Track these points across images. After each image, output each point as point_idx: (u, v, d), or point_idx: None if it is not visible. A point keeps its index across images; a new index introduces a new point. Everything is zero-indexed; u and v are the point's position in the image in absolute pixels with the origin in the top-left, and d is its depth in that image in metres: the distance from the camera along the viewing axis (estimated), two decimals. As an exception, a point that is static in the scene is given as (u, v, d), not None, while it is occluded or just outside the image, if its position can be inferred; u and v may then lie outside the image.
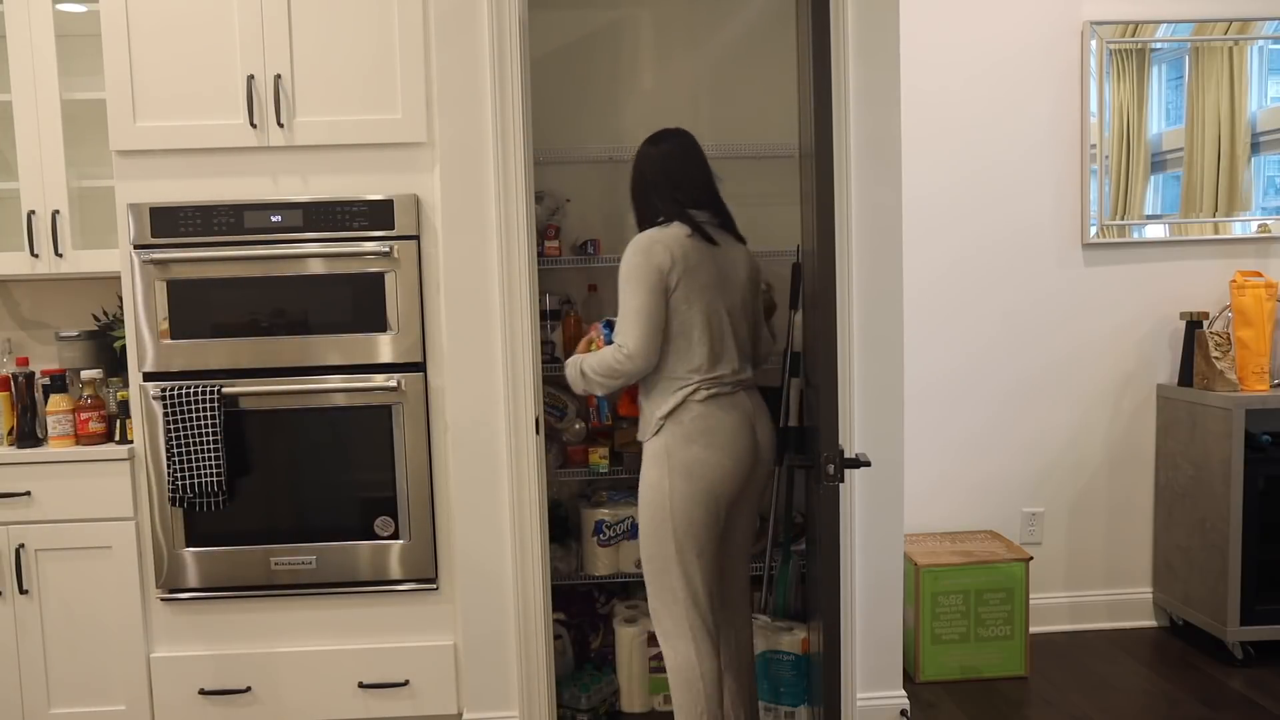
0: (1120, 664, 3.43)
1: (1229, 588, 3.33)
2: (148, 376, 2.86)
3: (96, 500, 2.87)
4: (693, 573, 2.47)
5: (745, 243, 2.68)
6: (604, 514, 3.21)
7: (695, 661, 2.48)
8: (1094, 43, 3.54)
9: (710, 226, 2.55)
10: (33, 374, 2.95)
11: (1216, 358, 3.43)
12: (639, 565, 3.23)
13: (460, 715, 2.95)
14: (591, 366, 2.53)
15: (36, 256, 2.99)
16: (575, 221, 3.40)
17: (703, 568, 2.48)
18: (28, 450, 2.87)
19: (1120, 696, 3.19)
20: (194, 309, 2.85)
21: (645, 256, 2.45)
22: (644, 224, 2.59)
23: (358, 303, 2.85)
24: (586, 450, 3.24)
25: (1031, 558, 3.39)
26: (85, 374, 2.93)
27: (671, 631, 2.50)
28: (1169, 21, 3.56)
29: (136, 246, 2.83)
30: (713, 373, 2.49)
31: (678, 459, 2.45)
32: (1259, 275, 3.50)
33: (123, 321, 3.00)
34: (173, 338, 2.85)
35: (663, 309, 2.45)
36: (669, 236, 2.48)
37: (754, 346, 2.67)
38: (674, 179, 2.58)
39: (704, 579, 2.48)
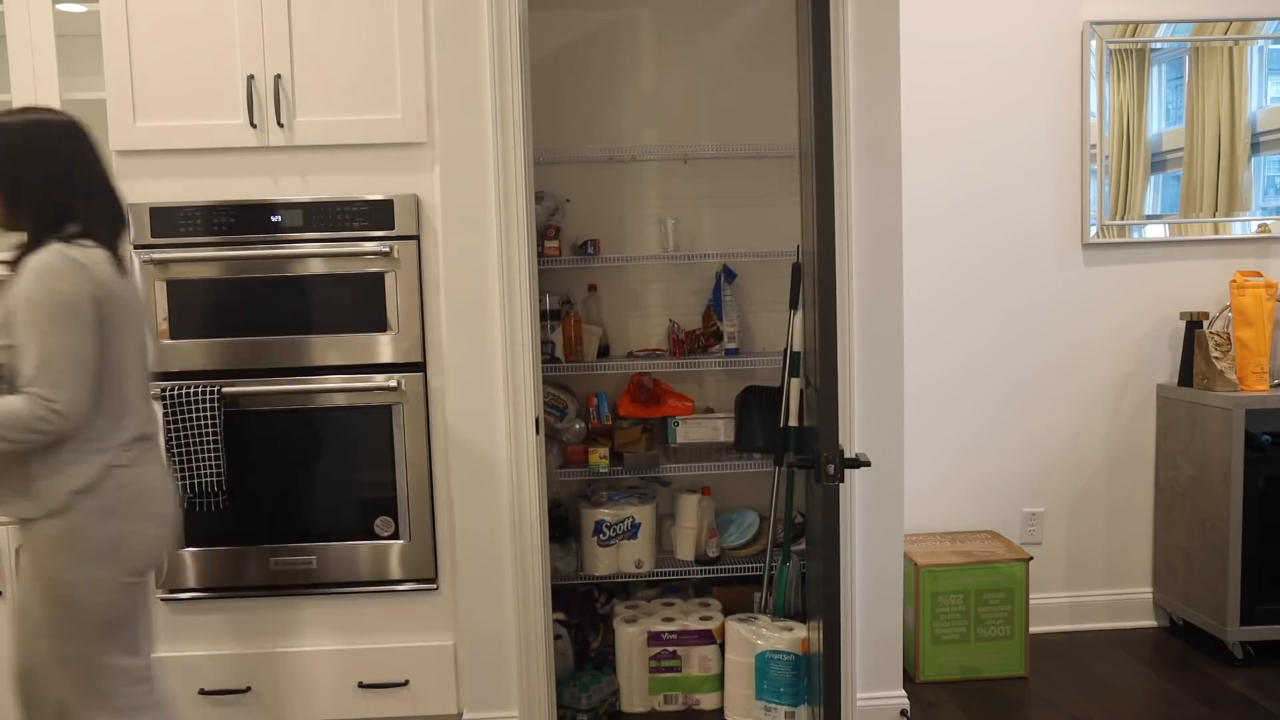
0: (1120, 664, 3.43)
1: (1229, 588, 3.33)
2: (148, 376, 2.86)
3: (96, 500, 2.87)
4: (126, 653, 2.04)
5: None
6: (604, 514, 3.21)
7: None
8: (1094, 43, 3.54)
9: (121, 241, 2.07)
10: (33, 374, 2.95)
11: (1216, 358, 3.43)
12: (639, 565, 3.25)
13: (460, 715, 2.95)
14: None
15: (36, 256, 2.99)
16: (575, 221, 3.41)
17: (137, 642, 2.08)
18: (28, 450, 2.87)
19: (1120, 696, 3.19)
20: (194, 309, 2.85)
21: (71, 282, 1.90)
22: (40, 231, 1.97)
23: (357, 303, 2.85)
24: (586, 450, 3.24)
25: (1031, 558, 3.39)
26: (85, 374, 2.93)
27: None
28: (1169, 21, 3.56)
29: (136, 246, 2.83)
30: (142, 430, 2.06)
31: (94, 541, 1.96)
32: (1259, 275, 3.50)
33: (123, 321, 3.00)
34: (173, 338, 2.85)
35: (96, 352, 1.94)
36: (93, 259, 1.95)
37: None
38: (92, 177, 2.02)
39: (145, 651, 2.10)
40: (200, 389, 2.80)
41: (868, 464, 2.09)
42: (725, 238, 3.46)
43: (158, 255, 2.82)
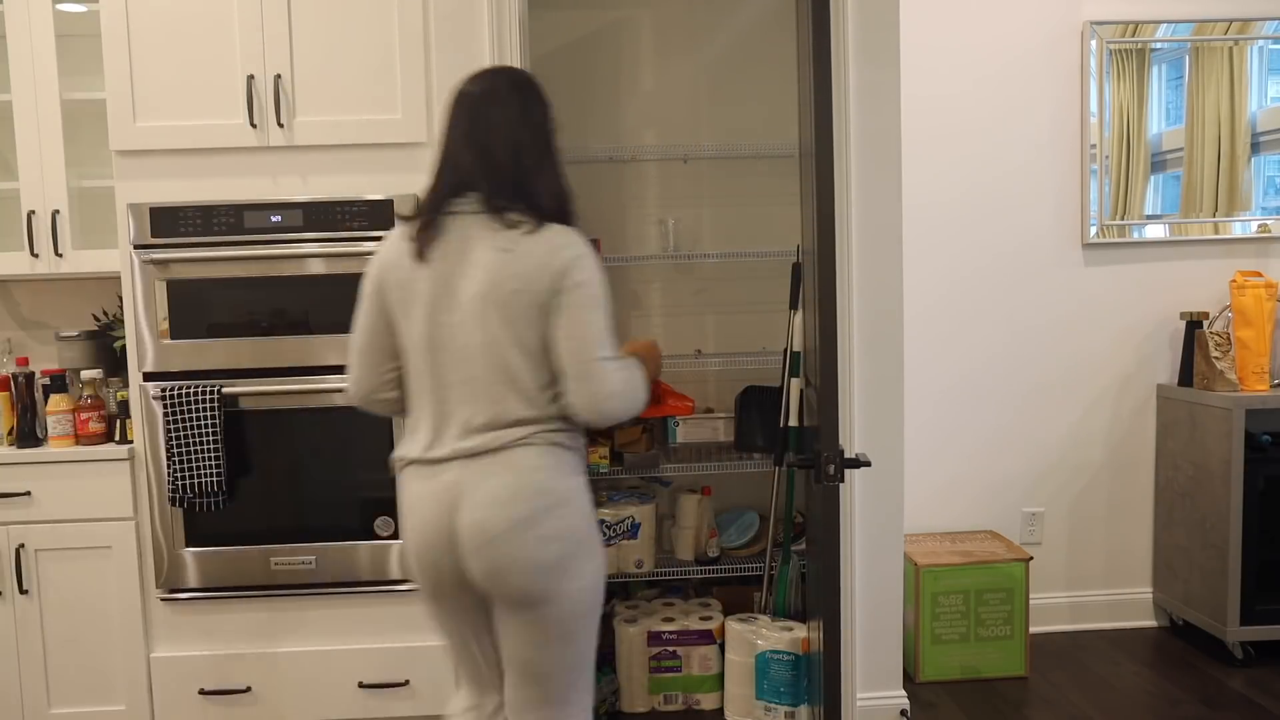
0: (1120, 664, 3.43)
1: (1229, 588, 3.33)
2: (148, 376, 2.86)
3: (96, 500, 2.87)
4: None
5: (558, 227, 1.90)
6: (604, 514, 3.21)
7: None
8: (1094, 43, 3.54)
9: (460, 214, 1.84)
10: (33, 374, 2.95)
11: (1216, 358, 3.43)
12: (639, 565, 3.25)
13: (460, 715, 2.95)
14: None
15: (36, 256, 2.99)
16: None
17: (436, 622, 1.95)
18: (28, 450, 2.87)
19: (1120, 696, 3.19)
20: (194, 309, 2.85)
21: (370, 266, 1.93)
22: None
23: (358, 303, 2.85)
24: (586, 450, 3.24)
25: (1031, 558, 3.39)
26: (85, 374, 2.93)
27: None
28: (1169, 21, 3.56)
29: (136, 246, 2.83)
30: (412, 437, 1.89)
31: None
32: (1259, 275, 3.50)
33: (123, 321, 3.00)
34: (173, 338, 2.85)
35: (379, 332, 1.94)
36: (389, 240, 1.93)
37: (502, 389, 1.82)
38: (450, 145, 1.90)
39: (442, 634, 1.97)
40: (200, 389, 2.80)
41: (868, 464, 2.09)
42: (725, 238, 3.46)
43: (158, 255, 2.82)
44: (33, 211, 2.97)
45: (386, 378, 1.94)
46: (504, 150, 1.85)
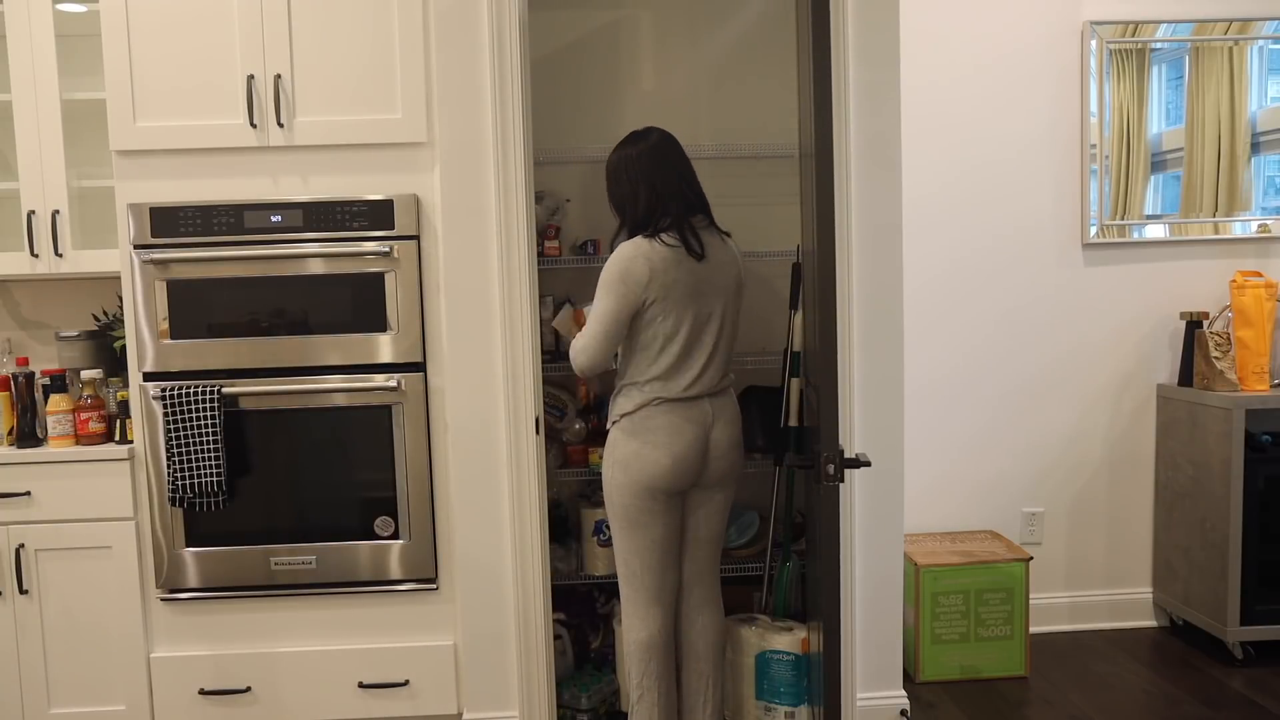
0: (1120, 664, 3.43)
1: (1229, 588, 3.33)
2: (148, 376, 2.86)
3: (96, 500, 2.87)
4: (630, 553, 2.62)
5: (729, 236, 2.68)
6: (604, 514, 3.20)
7: (630, 630, 2.65)
8: (1094, 42, 3.54)
9: (701, 230, 2.57)
10: (33, 374, 2.95)
11: (1216, 358, 3.43)
12: (639, 565, 3.25)
13: (460, 715, 2.95)
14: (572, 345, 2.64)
15: (36, 256, 2.99)
16: (575, 221, 3.40)
17: (639, 549, 2.61)
18: (28, 450, 2.87)
19: (1120, 696, 3.19)
20: (194, 309, 2.85)
21: (625, 267, 2.49)
22: (632, 231, 2.59)
23: (358, 303, 2.85)
24: (586, 450, 3.24)
25: (1031, 558, 3.39)
26: (85, 374, 2.93)
27: (622, 601, 2.69)
28: (1169, 21, 3.56)
29: (136, 246, 2.83)
30: (674, 381, 2.55)
31: (619, 452, 2.58)
32: (1259, 275, 3.50)
33: (123, 321, 3.00)
34: (173, 338, 2.85)
35: (625, 320, 2.51)
36: (651, 250, 2.50)
37: (728, 351, 2.67)
38: (657, 184, 2.56)
39: (643, 559, 2.61)
40: (200, 389, 2.80)
41: (868, 464, 2.09)
42: (725, 238, 3.45)
43: (158, 255, 2.82)
44: (33, 211, 2.97)
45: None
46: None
